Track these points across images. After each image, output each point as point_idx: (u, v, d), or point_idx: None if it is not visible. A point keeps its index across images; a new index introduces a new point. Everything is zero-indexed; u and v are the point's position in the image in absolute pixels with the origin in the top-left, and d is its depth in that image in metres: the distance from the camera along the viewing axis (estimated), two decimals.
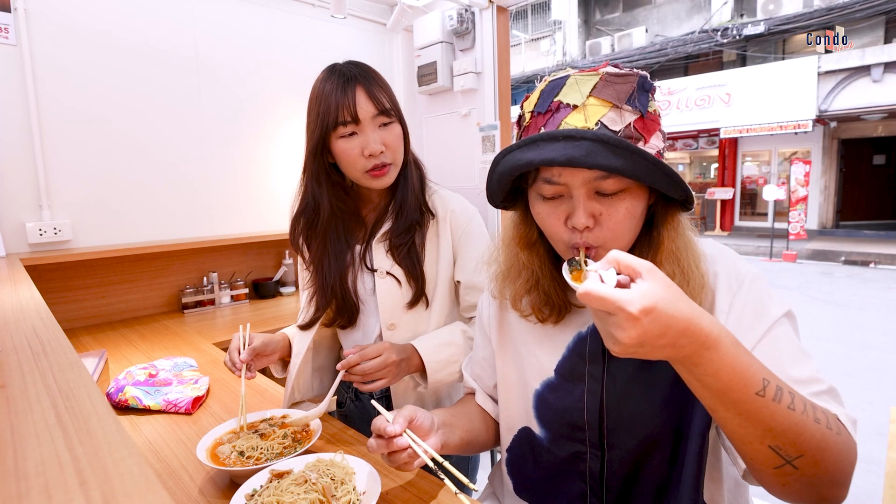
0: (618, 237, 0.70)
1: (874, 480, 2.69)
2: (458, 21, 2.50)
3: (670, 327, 0.51)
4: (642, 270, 0.53)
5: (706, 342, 0.53)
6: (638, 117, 0.67)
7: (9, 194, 1.90)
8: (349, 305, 1.17)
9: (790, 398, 0.57)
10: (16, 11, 1.87)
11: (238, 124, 2.51)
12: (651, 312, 0.50)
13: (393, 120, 1.08)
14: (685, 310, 0.52)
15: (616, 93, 0.67)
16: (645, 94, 0.69)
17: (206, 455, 0.94)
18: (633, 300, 0.50)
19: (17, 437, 0.43)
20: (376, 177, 1.09)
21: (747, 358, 0.56)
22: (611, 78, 0.68)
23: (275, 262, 2.73)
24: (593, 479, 0.83)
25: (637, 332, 0.51)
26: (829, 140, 12.24)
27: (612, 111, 0.66)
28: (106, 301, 2.18)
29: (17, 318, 0.90)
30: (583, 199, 0.69)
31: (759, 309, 0.71)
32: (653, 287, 0.52)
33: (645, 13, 14.11)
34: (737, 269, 0.75)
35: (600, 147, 0.62)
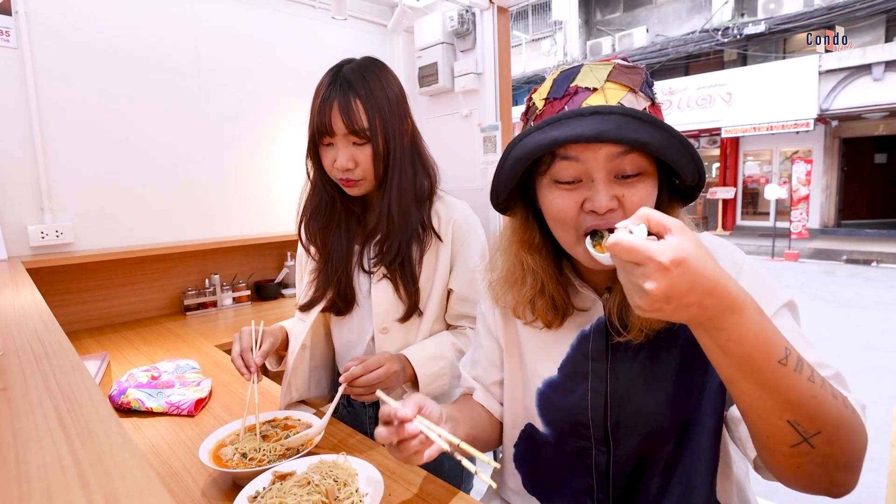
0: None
1: (877, 479, 2.69)
2: (458, 22, 2.50)
3: (698, 284, 0.50)
4: (672, 227, 0.52)
5: (732, 305, 0.52)
6: (650, 104, 0.69)
7: (10, 197, 1.90)
8: (349, 290, 1.18)
9: (810, 370, 0.56)
10: (16, 14, 1.87)
11: (239, 126, 2.51)
12: (682, 264, 0.49)
13: (364, 141, 1.06)
14: (713, 269, 0.51)
15: (630, 79, 0.69)
16: (651, 87, 0.71)
17: (208, 457, 0.94)
18: (664, 250, 0.49)
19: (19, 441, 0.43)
20: (346, 187, 1.11)
21: (770, 325, 0.55)
22: (622, 68, 0.70)
23: (276, 263, 2.73)
24: (599, 474, 0.84)
25: (666, 283, 0.49)
26: (831, 139, 12.22)
27: (630, 94, 0.67)
28: (108, 303, 2.18)
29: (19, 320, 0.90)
30: (604, 180, 0.68)
31: (760, 298, 0.69)
32: (683, 242, 0.50)
33: (645, 13, 14.10)
34: (734, 261, 0.75)
35: (630, 121, 0.63)
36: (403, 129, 1.12)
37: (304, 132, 1.14)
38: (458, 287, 1.17)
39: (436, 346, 1.14)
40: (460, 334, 1.19)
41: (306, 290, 1.22)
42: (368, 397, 1.02)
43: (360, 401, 1.17)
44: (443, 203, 1.20)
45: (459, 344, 1.16)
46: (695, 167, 0.67)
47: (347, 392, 1.01)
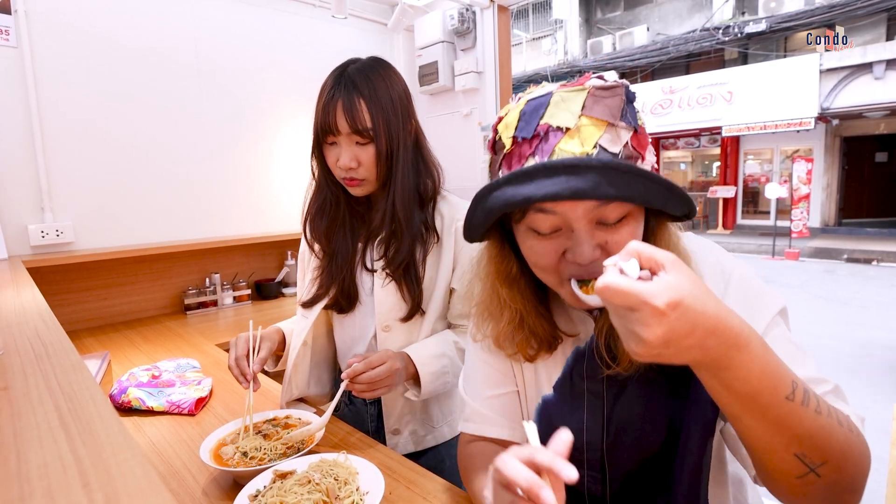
0: None
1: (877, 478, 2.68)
2: (459, 20, 2.50)
3: (698, 325, 0.46)
4: (666, 262, 0.48)
5: (736, 342, 0.48)
6: (633, 133, 0.62)
7: (11, 196, 1.91)
8: (352, 288, 1.18)
9: (816, 401, 0.53)
10: (16, 13, 1.87)
11: (239, 125, 2.51)
12: (678, 307, 0.45)
13: (367, 141, 1.06)
14: (713, 307, 0.48)
15: (608, 109, 0.60)
16: (632, 105, 0.63)
17: (209, 456, 0.94)
18: (659, 292, 0.46)
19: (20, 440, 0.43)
20: (350, 186, 1.11)
21: (776, 359, 0.52)
22: (598, 92, 0.61)
23: (277, 262, 2.73)
24: (593, 499, 0.80)
25: (664, 328, 0.46)
26: (832, 138, 12.21)
27: (609, 131, 0.60)
28: (108, 303, 2.18)
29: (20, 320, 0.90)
30: (585, 231, 0.62)
31: (751, 309, 0.66)
32: (679, 280, 0.47)
33: (646, 11, 14.08)
34: (721, 266, 0.70)
35: (610, 174, 0.55)
36: (407, 129, 1.12)
37: (305, 131, 1.14)
38: (461, 286, 1.18)
39: (438, 344, 1.14)
40: (462, 333, 1.19)
41: (309, 287, 1.23)
42: (370, 394, 1.02)
43: (361, 398, 1.17)
44: (446, 203, 1.20)
45: (462, 343, 1.16)
46: (686, 206, 0.61)
47: (349, 389, 1.01)
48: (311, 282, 1.22)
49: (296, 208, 2.78)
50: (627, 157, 0.60)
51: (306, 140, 1.14)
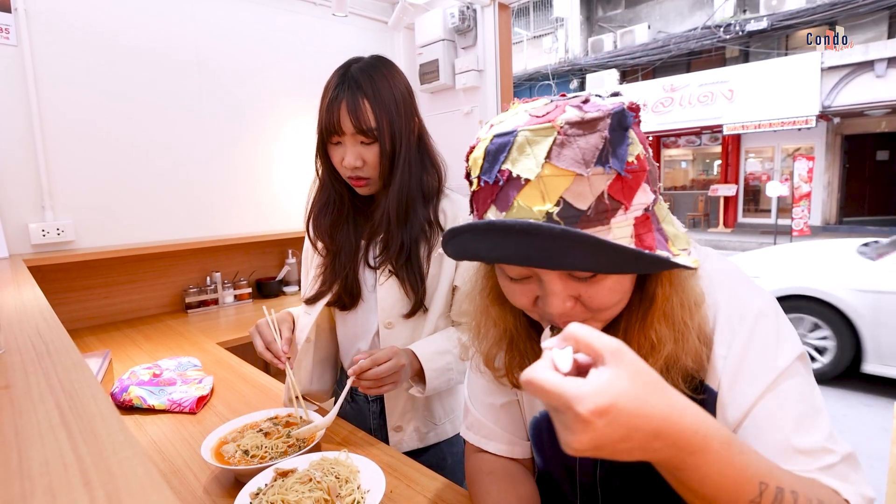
0: (601, 310, 0.58)
1: (878, 476, 2.69)
2: (459, 18, 2.50)
3: (637, 430, 0.41)
4: (605, 353, 0.43)
5: (688, 446, 0.43)
6: (614, 178, 0.51)
7: (11, 195, 1.91)
8: (355, 285, 1.19)
9: (792, 499, 0.49)
10: (16, 12, 1.87)
11: (240, 124, 2.51)
12: (607, 413, 0.40)
13: (372, 140, 1.07)
14: (658, 407, 0.42)
15: (580, 154, 0.51)
16: (623, 135, 0.52)
17: (210, 454, 0.94)
18: (584, 397, 0.40)
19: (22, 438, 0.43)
20: (355, 185, 1.12)
21: (742, 459, 0.47)
22: (571, 131, 0.51)
23: (278, 261, 2.73)
24: None
25: (589, 436, 0.40)
26: (833, 136, 12.19)
27: (577, 182, 0.50)
28: (109, 301, 2.18)
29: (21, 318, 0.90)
30: (556, 281, 0.56)
31: (765, 355, 0.59)
32: (614, 379, 0.41)
33: (647, 9, 14.06)
34: (740, 302, 0.62)
35: (562, 244, 0.48)
36: (410, 127, 1.12)
37: (305, 129, 1.15)
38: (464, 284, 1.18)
39: (442, 341, 1.14)
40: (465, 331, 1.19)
41: (312, 284, 1.23)
42: (376, 391, 1.03)
43: (367, 394, 1.17)
44: (449, 201, 1.20)
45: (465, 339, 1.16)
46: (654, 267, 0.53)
47: (356, 385, 1.02)
48: (314, 279, 1.23)
49: (296, 207, 2.79)
50: (601, 211, 0.51)
51: (307, 138, 1.15)
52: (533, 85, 15.26)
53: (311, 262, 1.27)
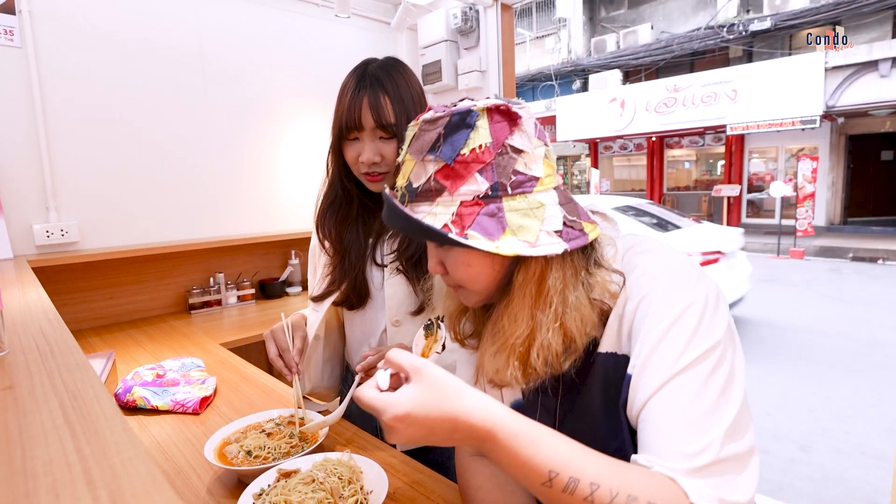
0: (464, 283, 0.70)
1: (883, 476, 2.68)
2: (462, 19, 2.50)
3: (435, 427, 0.54)
4: (410, 371, 0.58)
5: (480, 435, 0.54)
6: (441, 166, 0.64)
7: (16, 196, 1.91)
8: (363, 286, 1.19)
9: (588, 490, 0.52)
10: (20, 13, 1.88)
11: (243, 124, 2.51)
12: (405, 419, 0.54)
13: (390, 136, 1.09)
14: (451, 408, 0.54)
15: (421, 144, 0.66)
16: (460, 133, 0.63)
17: (213, 455, 0.94)
18: (388, 407, 0.55)
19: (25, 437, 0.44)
20: (370, 181, 1.12)
21: (531, 449, 0.54)
22: (425, 126, 0.66)
23: (281, 262, 2.74)
24: None
25: (399, 435, 0.55)
26: (837, 136, 12.14)
27: (417, 166, 0.66)
28: (113, 302, 2.19)
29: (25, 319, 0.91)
30: (430, 247, 0.73)
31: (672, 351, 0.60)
32: (411, 392, 0.55)
33: (650, 10, 14.03)
34: (669, 298, 0.64)
35: (388, 211, 0.66)
36: None
37: (309, 130, 1.15)
38: None
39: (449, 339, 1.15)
40: None
41: (320, 282, 1.24)
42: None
43: None
44: None
45: None
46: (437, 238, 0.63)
47: (364, 381, 1.02)
48: (322, 278, 1.23)
49: (300, 208, 2.80)
50: (426, 190, 0.65)
51: (310, 139, 1.15)
52: (536, 85, 15.26)
53: (319, 260, 1.27)
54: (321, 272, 1.25)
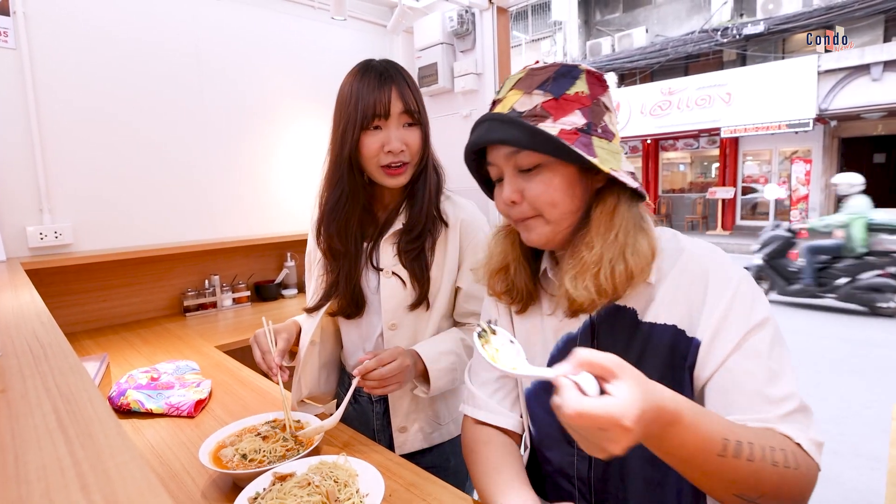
0: (543, 207, 0.77)
1: (878, 477, 2.69)
2: (458, 22, 2.50)
3: (651, 422, 0.54)
4: (614, 368, 0.54)
5: (671, 419, 0.56)
6: (549, 99, 0.75)
7: (9, 198, 1.90)
8: (360, 295, 1.19)
9: (749, 450, 0.61)
10: (15, 15, 1.87)
11: (239, 126, 2.51)
12: (641, 419, 0.52)
13: (416, 122, 1.11)
14: (655, 398, 0.54)
15: (531, 82, 0.77)
16: (564, 80, 0.76)
17: (208, 458, 0.93)
18: (626, 411, 0.51)
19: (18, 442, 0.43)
20: (391, 174, 1.10)
21: (707, 421, 0.60)
22: (533, 71, 0.78)
23: (276, 264, 2.73)
24: (581, 480, 0.85)
25: (630, 439, 0.52)
26: (830, 139, 12.22)
27: (524, 97, 0.76)
28: (107, 304, 2.18)
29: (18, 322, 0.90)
30: (508, 176, 0.79)
31: (742, 313, 0.72)
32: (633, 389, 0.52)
33: (645, 13, 14.10)
34: (725, 270, 0.76)
35: (494, 124, 0.76)
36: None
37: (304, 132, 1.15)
38: (466, 285, 1.18)
39: (446, 341, 1.15)
40: (469, 331, 1.20)
41: (315, 294, 1.23)
42: (381, 391, 1.03)
43: (372, 394, 1.17)
44: (450, 203, 1.21)
45: (469, 340, 1.16)
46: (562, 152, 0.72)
47: (361, 385, 1.02)
48: (317, 288, 1.22)
49: (295, 210, 2.79)
50: (532, 115, 0.74)
51: (306, 141, 1.15)
52: None
53: (314, 263, 1.26)
54: (315, 283, 1.24)
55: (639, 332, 0.78)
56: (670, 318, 0.76)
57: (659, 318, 0.77)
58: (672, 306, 0.77)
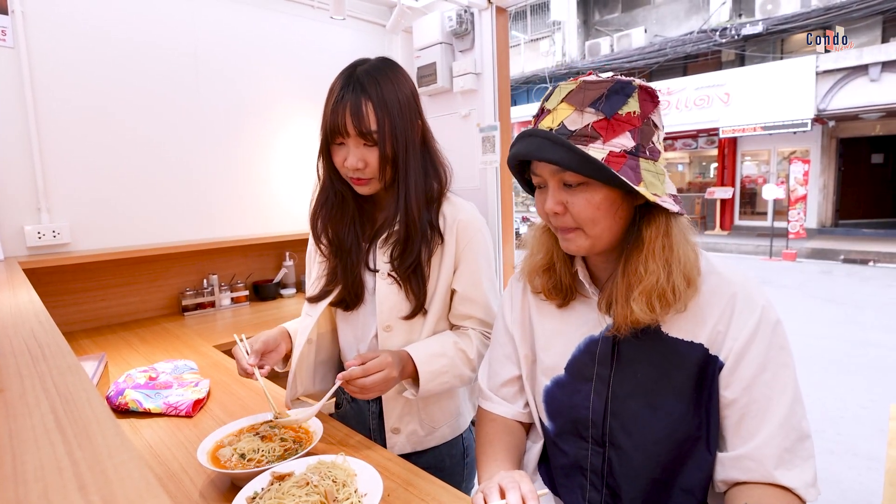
0: (585, 223, 0.79)
1: (875, 477, 2.69)
2: (457, 22, 2.50)
3: None
4: None
5: None
6: (600, 119, 0.75)
7: (7, 197, 1.90)
8: (359, 285, 1.19)
9: None
10: (13, 14, 1.86)
11: (238, 125, 2.50)
12: None
13: (372, 143, 1.08)
14: None
15: (583, 98, 0.76)
16: (617, 98, 0.76)
17: (206, 458, 0.93)
18: None
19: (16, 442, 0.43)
20: (356, 184, 1.13)
21: None
22: (587, 85, 0.78)
23: (275, 263, 2.73)
24: (594, 473, 0.89)
25: None
26: (828, 139, 12.24)
27: (574, 113, 0.76)
28: (105, 304, 2.17)
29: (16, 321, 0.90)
30: (553, 187, 0.80)
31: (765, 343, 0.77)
32: None
33: (644, 13, 14.11)
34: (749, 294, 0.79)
35: (545, 143, 0.76)
36: (414, 130, 1.13)
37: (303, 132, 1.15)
38: (462, 287, 1.18)
39: (438, 344, 1.14)
40: (463, 335, 1.19)
41: (315, 283, 1.24)
42: (360, 396, 1.03)
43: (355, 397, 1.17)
44: (449, 204, 1.20)
45: (462, 344, 1.16)
46: (606, 178, 0.73)
47: (343, 387, 1.02)
48: (318, 279, 1.23)
49: (294, 209, 2.79)
50: (582, 135, 0.75)
51: (304, 140, 1.15)
52: (530, 88, 15.28)
53: (314, 263, 1.27)
54: (316, 274, 1.25)
55: (662, 345, 0.81)
56: (698, 336, 0.79)
57: (684, 334, 0.80)
58: (699, 325, 0.80)
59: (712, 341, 0.79)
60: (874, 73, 10.02)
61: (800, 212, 10.59)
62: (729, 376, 0.77)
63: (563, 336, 0.92)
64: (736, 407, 0.77)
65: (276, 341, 1.21)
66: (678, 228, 0.79)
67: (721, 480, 0.79)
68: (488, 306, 1.19)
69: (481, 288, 1.18)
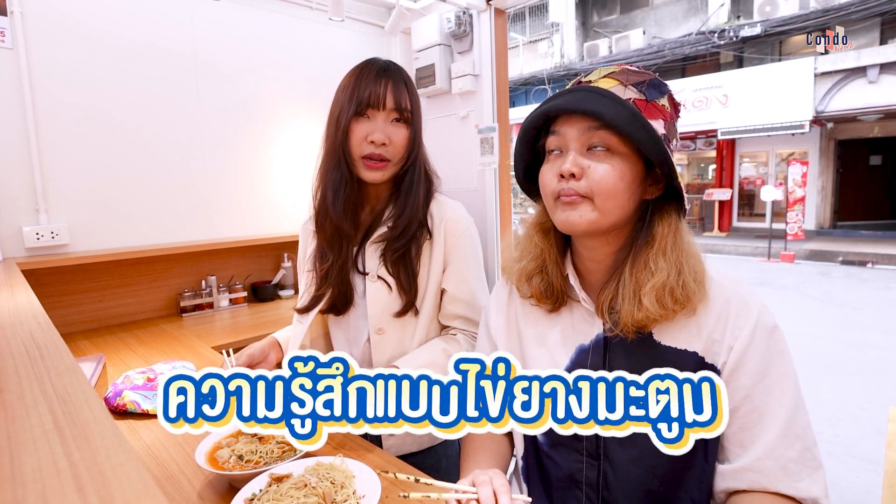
0: (601, 192, 0.76)
1: (874, 479, 2.70)
2: (455, 23, 2.50)
3: None
4: None
5: None
6: (641, 99, 0.76)
7: (6, 198, 1.89)
8: (349, 288, 1.19)
9: None
10: (12, 15, 1.86)
11: (236, 126, 2.50)
12: None
13: (405, 120, 1.12)
14: None
15: (627, 76, 0.78)
16: (655, 90, 0.78)
17: (204, 459, 0.93)
18: None
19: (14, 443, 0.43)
20: (370, 168, 1.11)
21: None
22: (628, 70, 0.80)
23: (273, 265, 2.73)
24: (589, 486, 0.86)
25: None
26: (826, 141, 12.26)
27: (619, 86, 0.77)
28: (104, 305, 2.17)
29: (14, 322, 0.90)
30: (575, 150, 0.78)
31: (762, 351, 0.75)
32: None
33: (642, 15, 14.13)
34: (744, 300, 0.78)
35: (593, 95, 0.74)
36: (422, 129, 1.19)
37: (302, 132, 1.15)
38: (451, 287, 1.18)
39: (427, 355, 1.14)
40: (451, 339, 1.20)
41: (304, 294, 1.23)
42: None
43: None
44: (436, 203, 1.21)
45: (451, 349, 1.16)
46: (653, 144, 0.72)
47: None
48: (306, 288, 1.23)
49: (293, 210, 2.78)
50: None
51: (303, 141, 1.15)
52: (529, 89, 15.30)
53: (304, 268, 1.27)
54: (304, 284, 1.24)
55: (654, 352, 0.79)
56: (691, 344, 0.78)
57: (677, 342, 0.78)
58: (693, 332, 0.78)
59: (707, 349, 0.77)
60: (872, 74, 10.04)
61: (798, 213, 10.61)
62: (726, 385, 0.74)
63: (551, 344, 0.90)
64: (735, 416, 0.75)
65: (264, 352, 1.21)
66: (686, 230, 0.80)
67: (722, 491, 0.78)
68: (476, 305, 1.20)
69: (469, 286, 1.19)
